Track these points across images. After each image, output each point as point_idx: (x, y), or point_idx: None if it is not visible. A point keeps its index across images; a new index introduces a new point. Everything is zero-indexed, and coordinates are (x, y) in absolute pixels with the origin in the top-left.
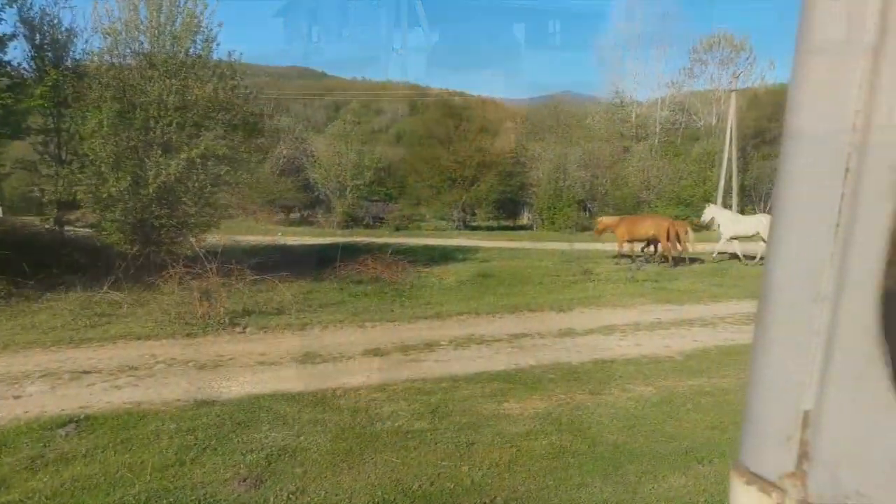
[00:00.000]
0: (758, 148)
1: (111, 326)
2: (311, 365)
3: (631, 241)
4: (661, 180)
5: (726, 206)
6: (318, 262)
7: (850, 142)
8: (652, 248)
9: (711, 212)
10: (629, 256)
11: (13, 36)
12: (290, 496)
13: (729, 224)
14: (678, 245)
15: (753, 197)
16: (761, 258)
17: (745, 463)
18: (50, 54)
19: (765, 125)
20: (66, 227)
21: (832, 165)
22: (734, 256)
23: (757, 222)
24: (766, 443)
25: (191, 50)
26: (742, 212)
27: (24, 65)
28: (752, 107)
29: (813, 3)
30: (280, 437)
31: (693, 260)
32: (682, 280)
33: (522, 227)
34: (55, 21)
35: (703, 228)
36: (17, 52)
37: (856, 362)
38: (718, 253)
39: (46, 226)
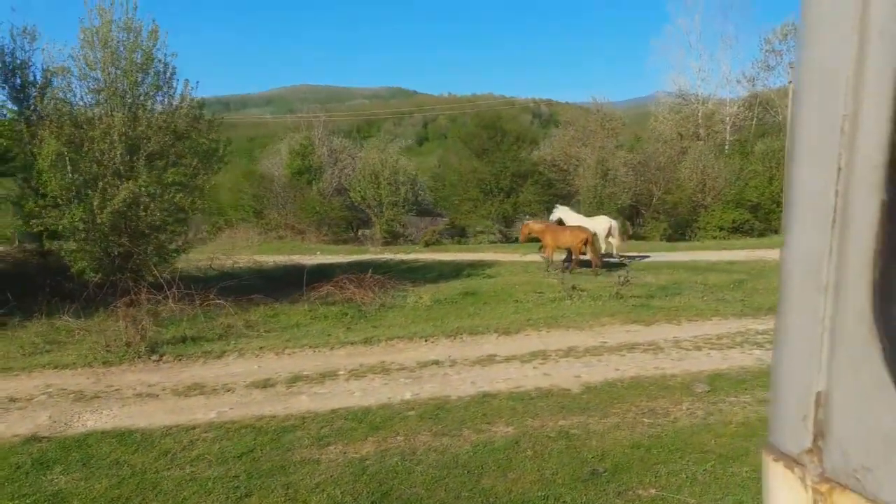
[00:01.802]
0: None
1: (49, 355)
2: (185, 398)
3: (557, 248)
4: (718, 181)
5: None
6: (307, 282)
7: (839, 143)
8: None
9: (559, 213)
10: (559, 262)
11: None
12: None
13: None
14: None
15: None
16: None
17: (773, 441)
18: (21, 95)
19: None
20: (50, 256)
21: (826, 164)
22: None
23: (595, 225)
24: (788, 422)
25: (143, 84)
26: None
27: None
28: None
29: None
30: (65, 481)
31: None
32: (683, 296)
33: None
34: (28, 63)
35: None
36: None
37: (853, 346)
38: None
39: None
